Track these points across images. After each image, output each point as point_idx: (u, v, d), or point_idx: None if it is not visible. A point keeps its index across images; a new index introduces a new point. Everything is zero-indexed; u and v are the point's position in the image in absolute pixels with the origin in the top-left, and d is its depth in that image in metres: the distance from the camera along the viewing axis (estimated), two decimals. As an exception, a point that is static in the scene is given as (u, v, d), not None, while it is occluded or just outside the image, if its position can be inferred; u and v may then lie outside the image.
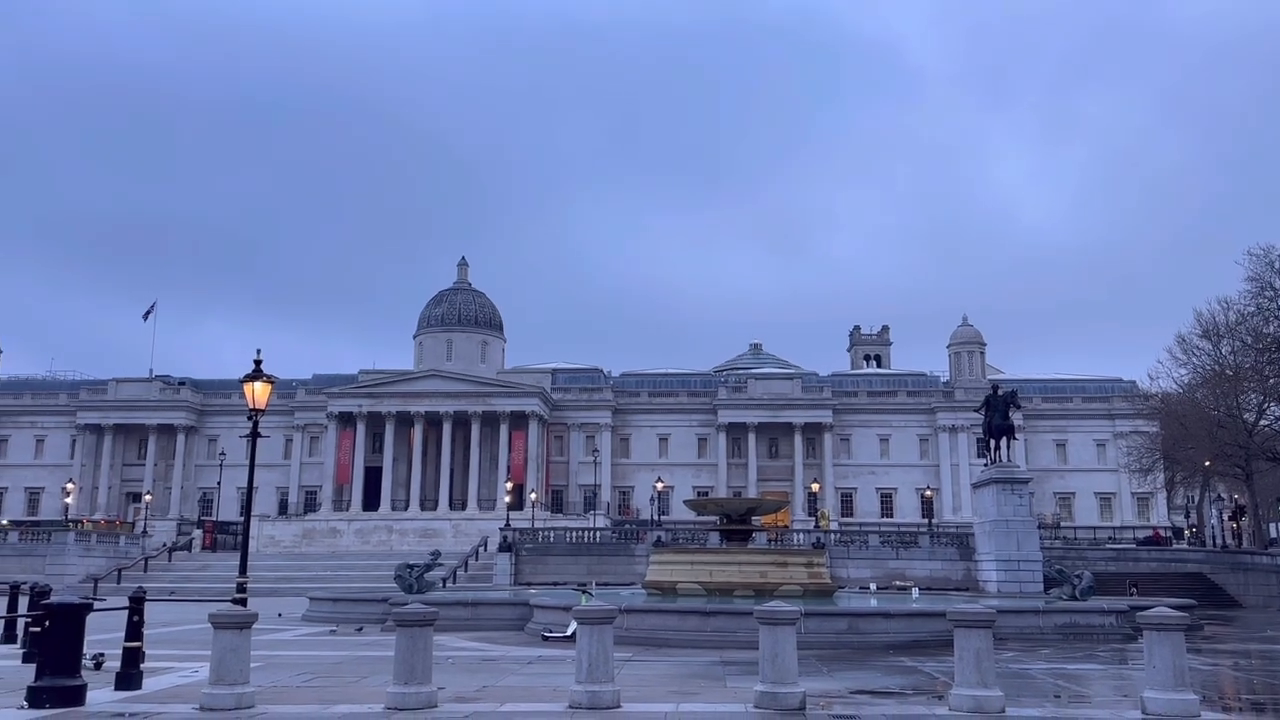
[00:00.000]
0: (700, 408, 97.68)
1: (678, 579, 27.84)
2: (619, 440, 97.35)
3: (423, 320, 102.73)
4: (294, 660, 18.40)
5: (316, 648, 21.80)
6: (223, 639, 11.77)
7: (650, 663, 18.16)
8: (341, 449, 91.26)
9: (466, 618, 26.71)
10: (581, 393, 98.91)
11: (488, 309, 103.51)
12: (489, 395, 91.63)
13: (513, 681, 15.33)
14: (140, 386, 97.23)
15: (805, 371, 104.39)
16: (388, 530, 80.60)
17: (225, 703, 11.48)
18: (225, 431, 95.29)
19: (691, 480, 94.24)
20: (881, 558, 57.70)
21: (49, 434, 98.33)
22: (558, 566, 58.95)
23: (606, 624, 12.24)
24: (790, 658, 12.11)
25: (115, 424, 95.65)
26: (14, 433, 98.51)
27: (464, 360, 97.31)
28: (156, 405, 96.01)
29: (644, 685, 14.58)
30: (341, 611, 30.90)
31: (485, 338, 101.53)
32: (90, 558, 63.57)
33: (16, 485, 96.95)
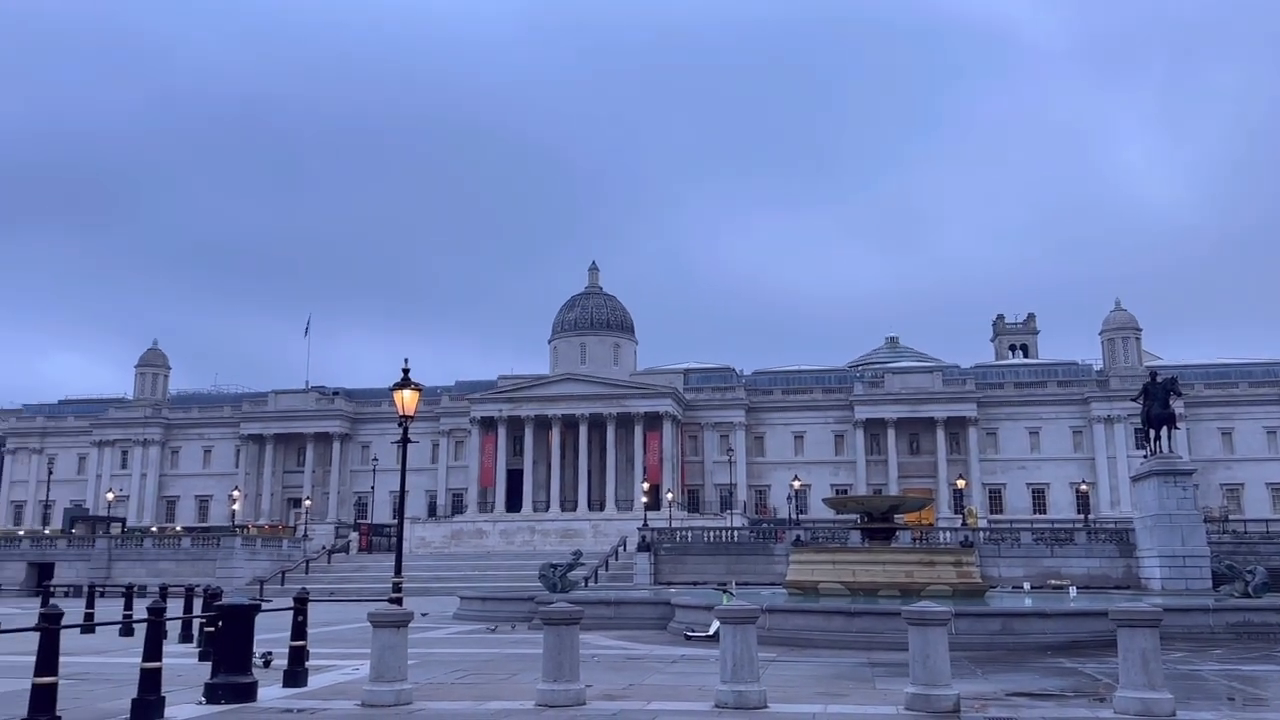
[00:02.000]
0: (836, 404, 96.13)
1: (820, 579, 27.46)
2: (753, 439, 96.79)
3: (556, 325, 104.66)
4: (447, 658, 19.01)
5: (468, 645, 22.45)
6: (381, 637, 12.27)
7: (794, 663, 17.97)
8: (484, 452, 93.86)
9: (609, 616, 27.02)
10: (714, 392, 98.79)
11: (619, 312, 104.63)
12: (623, 397, 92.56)
13: (658, 680, 15.43)
14: (297, 398, 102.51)
15: (946, 364, 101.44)
16: (530, 531, 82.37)
17: (385, 699, 11.96)
18: (377, 438, 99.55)
19: (829, 478, 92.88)
20: (1035, 556, 55.51)
21: (215, 445, 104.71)
22: (696, 566, 59.04)
23: (749, 624, 12.18)
24: (942, 659, 11.77)
25: (276, 434, 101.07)
26: (184, 444, 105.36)
27: (597, 363, 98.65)
28: (313, 415, 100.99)
29: (789, 686, 14.44)
30: (490, 610, 31.75)
31: (617, 340, 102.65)
32: (256, 561, 67.19)
33: (188, 494, 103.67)
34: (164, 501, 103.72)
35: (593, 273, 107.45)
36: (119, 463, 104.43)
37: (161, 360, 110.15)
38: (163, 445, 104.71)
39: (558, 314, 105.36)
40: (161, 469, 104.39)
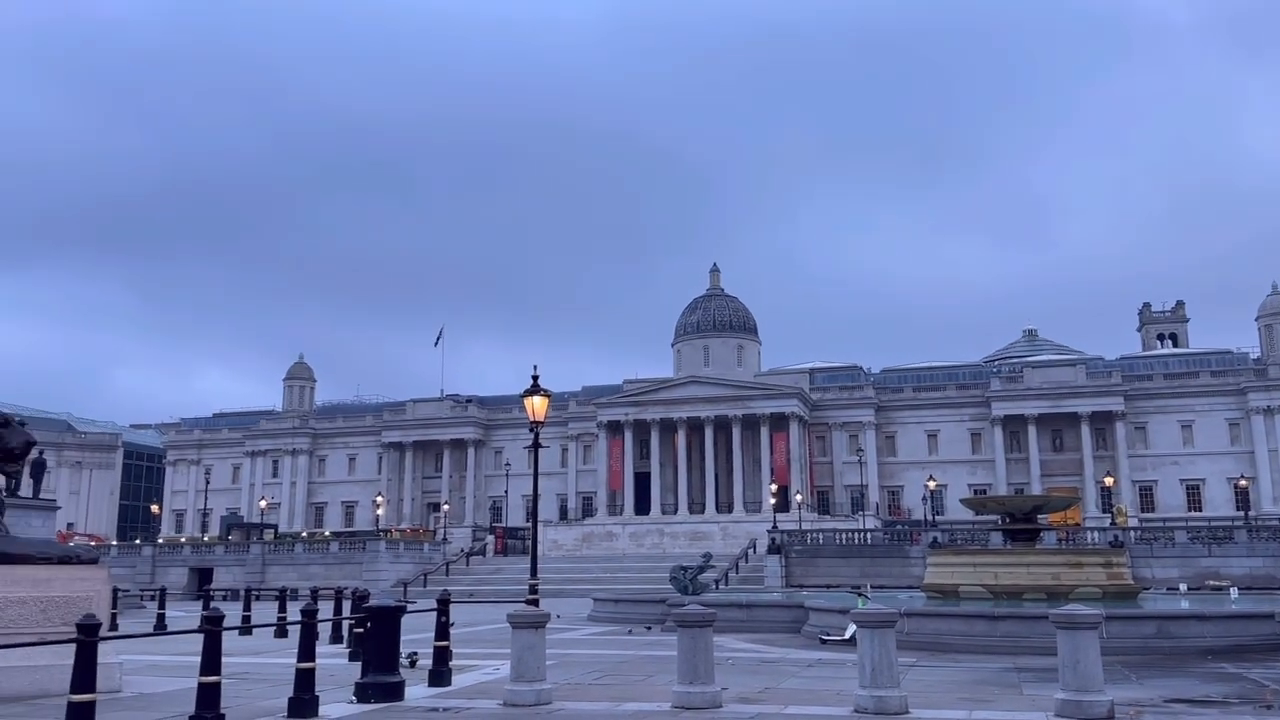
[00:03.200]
0: (971, 401, 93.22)
1: (959, 581, 26.66)
2: (884, 438, 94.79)
3: (679, 328, 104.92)
4: (583, 659, 19.28)
5: (603, 646, 22.72)
6: (520, 638, 12.54)
7: (935, 668, 17.51)
8: (612, 456, 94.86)
9: (742, 619, 26.90)
10: (841, 391, 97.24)
11: (741, 313, 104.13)
12: (747, 398, 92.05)
13: (794, 684, 15.28)
14: (433, 406, 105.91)
15: (1089, 356, 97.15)
16: (659, 533, 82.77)
17: (526, 699, 12.22)
18: (508, 443, 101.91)
19: (966, 478, 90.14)
20: (1191, 555, 52.60)
21: (359, 453, 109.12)
22: (828, 568, 58.21)
23: (888, 627, 11.93)
24: (1094, 664, 11.28)
25: (414, 441, 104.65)
26: (330, 453, 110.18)
27: (721, 365, 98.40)
28: (448, 422, 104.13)
29: (930, 691, 14.08)
30: (622, 612, 32.04)
31: (740, 341, 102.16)
32: (399, 564, 69.67)
33: (334, 499, 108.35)
34: (312, 508, 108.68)
35: (714, 274, 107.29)
36: (270, 471, 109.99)
37: (307, 373, 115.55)
38: (310, 454, 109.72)
39: (680, 317, 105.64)
40: (309, 477, 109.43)
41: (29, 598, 12.86)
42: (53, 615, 12.82)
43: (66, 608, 12.80)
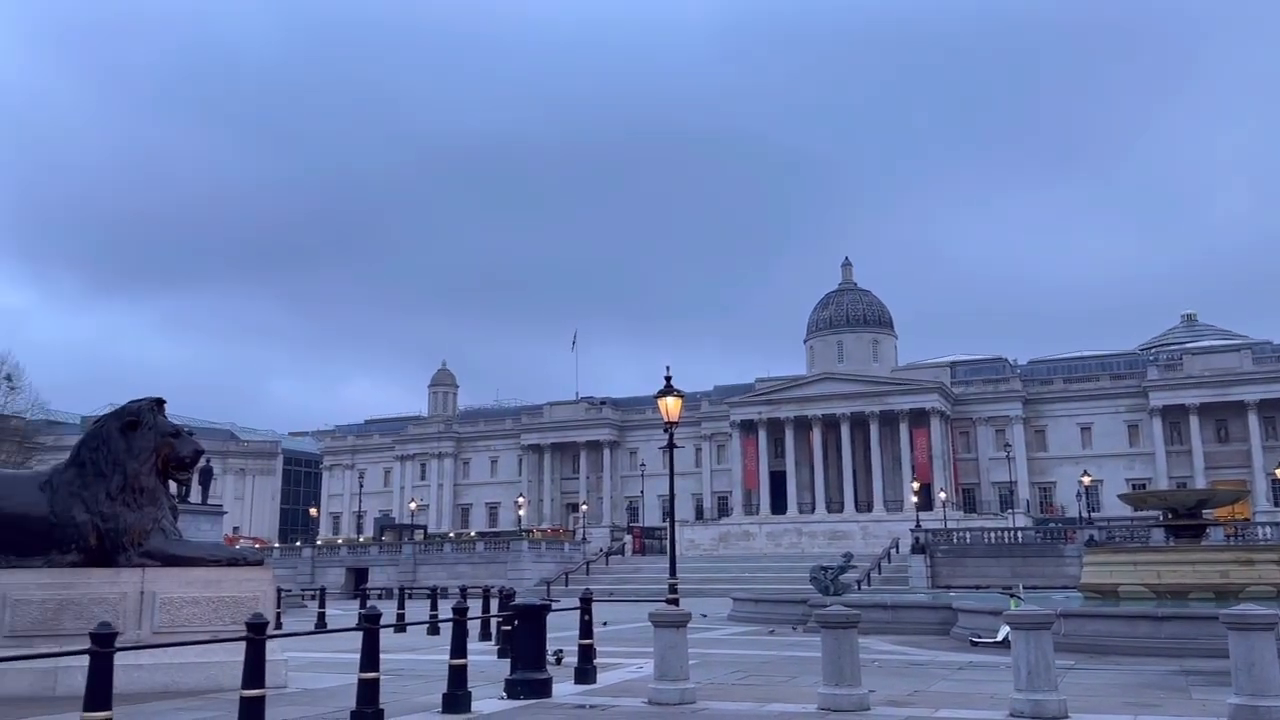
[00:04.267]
0: (1126, 391, 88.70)
1: (1118, 581, 25.38)
2: (1032, 432, 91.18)
3: (811, 324, 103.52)
4: (725, 658, 19.24)
5: (744, 647, 22.62)
6: (663, 637, 12.62)
7: (1095, 671, 16.73)
8: (746, 455, 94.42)
9: (886, 620, 26.32)
10: (985, 385, 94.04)
11: (875, 307, 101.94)
12: (885, 394, 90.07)
13: (944, 687, 14.85)
14: (569, 408, 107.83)
15: (1255, 341, 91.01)
16: (797, 533, 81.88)
17: (671, 697, 12.29)
18: (643, 444, 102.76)
19: (1123, 472, 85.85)
20: (1379, 553, 48.50)
21: (500, 455, 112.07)
22: (976, 568, 56.37)
23: (1044, 629, 11.47)
24: (1270, 666, 10.56)
25: (551, 443, 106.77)
26: (473, 455, 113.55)
27: (856, 361, 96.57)
28: (583, 424, 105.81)
29: (1091, 695, 13.46)
30: (763, 612, 31.82)
31: (875, 336, 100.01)
32: (541, 563, 71.12)
33: (479, 501, 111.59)
34: (459, 509, 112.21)
35: (845, 269, 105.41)
36: (418, 474, 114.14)
37: (450, 379, 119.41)
38: (455, 457, 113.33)
39: (811, 313, 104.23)
40: (455, 479, 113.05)
41: (201, 598, 13.70)
42: (223, 614, 13.62)
43: (235, 607, 13.58)
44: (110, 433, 14.05)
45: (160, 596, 13.45)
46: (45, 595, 13.05)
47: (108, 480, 13.76)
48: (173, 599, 13.51)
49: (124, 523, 13.71)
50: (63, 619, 12.93)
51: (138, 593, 13.39)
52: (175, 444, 14.33)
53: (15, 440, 72.56)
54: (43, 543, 13.60)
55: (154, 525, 13.96)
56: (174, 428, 14.53)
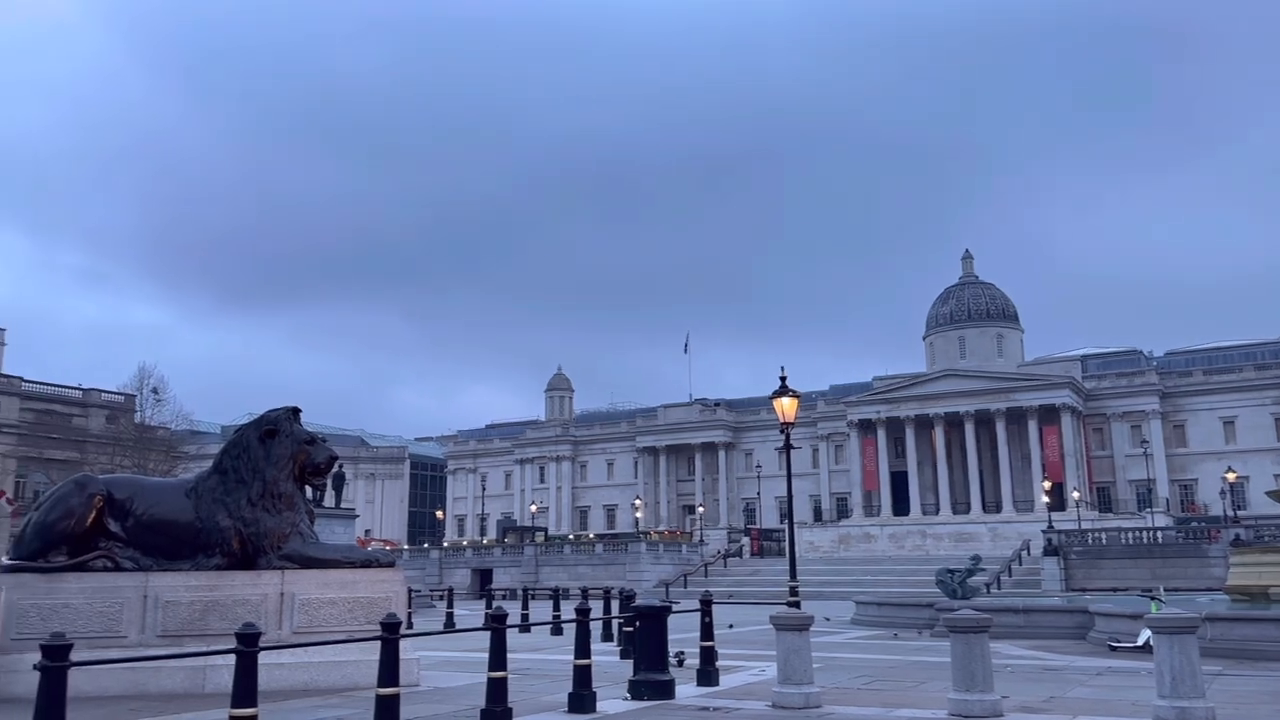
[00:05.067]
0: (1273, 382, 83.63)
1: (1269, 583, 23.93)
2: (1171, 428, 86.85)
3: (930, 320, 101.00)
4: (850, 662, 18.94)
5: (869, 651, 22.22)
6: (785, 640, 12.51)
7: (1245, 677, 15.83)
8: (865, 455, 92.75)
9: (1019, 625, 25.47)
10: (1119, 378, 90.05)
11: (999, 300, 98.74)
12: (1010, 390, 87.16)
13: (1082, 693, 14.28)
14: (683, 411, 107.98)
15: None
16: (921, 535, 79.99)
17: (795, 701, 12.17)
18: (758, 445, 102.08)
19: (1271, 468, 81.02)
20: None
21: (616, 458, 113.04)
22: (1114, 570, 54.08)
23: (1188, 633, 10.90)
24: None
25: (666, 445, 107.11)
26: (590, 458, 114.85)
27: (979, 356, 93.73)
28: (698, 426, 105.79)
29: (1242, 703, 12.74)
30: (887, 615, 31.20)
31: (999, 330, 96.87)
32: (659, 565, 71.42)
33: (596, 503, 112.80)
34: (577, 511, 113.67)
35: (966, 261, 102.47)
36: (538, 478, 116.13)
37: (566, 384, 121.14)
38: (572, 460, 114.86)
39: (931, 308, 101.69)
40: (573, 482, 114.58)
41: (338, 599, 14.24)
42: (358, 614, 14.11)
43: (369, 608, 14.07)
44: (250, 441, 14.74)
45: (299, 598, 14.02)
46: (193, 597, 13.77)
47: (249, 487, 14.44)
48: (311, 600, 14.06)
49: (264, 527, 14.36)
50: (209, 619, 13.62)
51: (278, 594, 13.99)
52: (311, 451, 14.93)
53: (162, 449, 76.86)
54: (189, 547, 14.33)
55: (292, 529, 14.57)
56: (309, 435, 15.13)
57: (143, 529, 14.22)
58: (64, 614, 13.02)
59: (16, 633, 12.94)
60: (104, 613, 13.35)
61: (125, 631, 13.39)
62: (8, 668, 12.64)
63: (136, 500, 14.41)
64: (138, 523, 14.23)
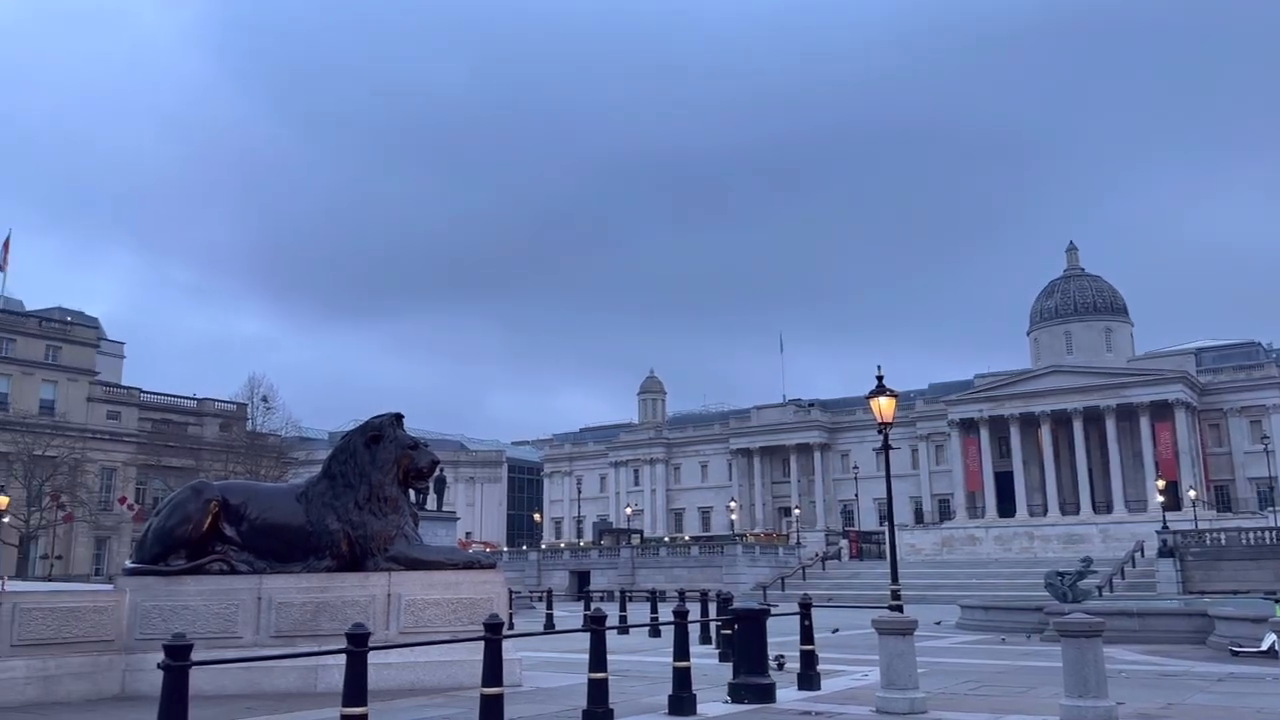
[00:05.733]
0: None
1: None
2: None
3: (1034, 314, 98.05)
4: (955, 667, 18.51)
5: (975, 655, 21.69)
6: (888, 644, 12.28)
7: (1386, 688, 14.92)
8: (968, 455, 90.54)
9: (1133, 629, 24.52)
10: (1236, 372, 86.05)
11: (1106, 293, 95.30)
12: (1120, 386, 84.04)
13: (1202, 700, 13.66)
14: (776, 412, 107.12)
15: None
16: (1028, 536, 77.68)
17: (899, 706, 11.94)
18: (855, 446, 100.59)
19: None
20: None
21: (710, 460, 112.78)
22: (1234, 572, 51.65)
23: (1322, 640, 10.34)
24: None
25: (760, 447, 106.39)
26: (683, 461, 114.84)
27: (1086, 351, 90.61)
28: (792, 427, 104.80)
29: (1384, 715, 12.00)
30: (993, 620, 30.40)
31: (1107, 324, 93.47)
32: (756, 567, 70.98)
33: (691, 505, 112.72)
34: (671, 513, 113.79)
35: (1071, 253, 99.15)
36: (632, 480, 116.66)
37: (658, 387, 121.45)
38: (666, 463, 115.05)
39: (1034, 303, 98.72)
40: (667, 484, 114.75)
41: (442, 600, 14.52)
42: (461, 615, 14.37)
43: (472, 608, 14.31)
44: (356, 447, 15.15)
45: (405, 598, 14.35)
46: (305, 598, 14.21)
47: (356, 491, 14.85)
48: (416, 601, 14.38)
49: (371, 530, 14.75)
50: (320, 620, 14.03)
51: (385, 595, 14.35)
52: (414, 455, 15.28)
53: (273, 456, 79.73)
54: (300, 550, 14.80)
55: (397, 532, 14.93)
56: (412, 440, 15.49)
57: (256, 533, 14.75)
58: (183, 615, 13.57)
59: (140, 633, 13.54)
60: (221, 614, 13.87)
61: (241, 632, 13.89)
62: (134, 666, 13.26)
63: (250, 505, 14.95)
64: (251, 527, 14.77)
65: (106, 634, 13.38)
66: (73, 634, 13.05)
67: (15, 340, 77.89)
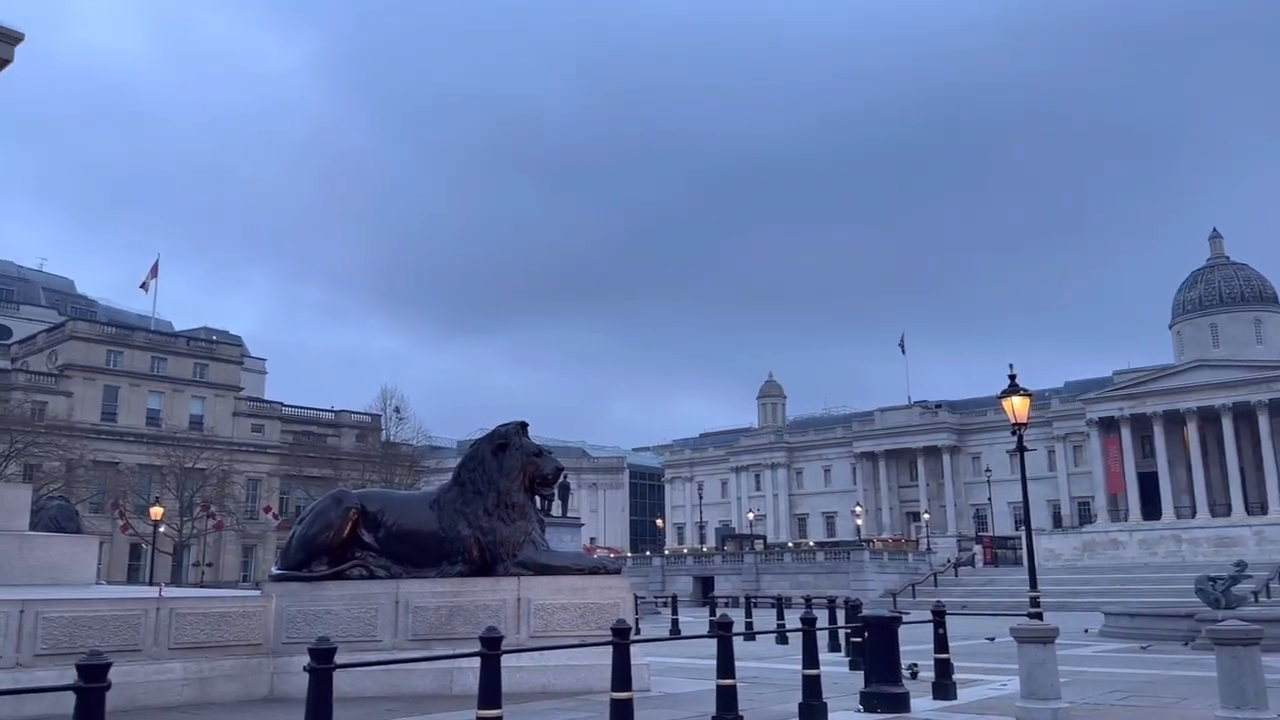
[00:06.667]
0: None
1: None
2: None
3: (1176, 307, 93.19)
4: (1100, 677, 17.72)
5: (1120, 665, 20.73)
6: (1028, 653, 11.85)
7: None
8: (1108, 456, 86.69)
9: (1295, 638, 22.95)
10: (1406, 361, 79.86)
11: (1254, 281, 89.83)
12: (1273, 380, 79.09)
13: (1379, 717, 12.68)
14: (902, 414, 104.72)
15: None
16: (1175, 540, 73.71)
17: (1041, 717, 11.49)
18: (986, 448, 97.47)
19: None
20: None
21: (833, 464, 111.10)
22: None
23: None
24: None
25: (885, 450, 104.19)
26: (805, 465, 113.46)
27: (1233, 344, 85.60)
28: (918, 429, 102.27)
29: None
30: (1139, 627, 28.97)
31: (1256, 315, 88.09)
32: (885, 574, 69.50)
33: (814, 510, 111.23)
34: (795, 519, 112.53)
35: (1214, 241, 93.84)
36: (753, 485, 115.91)
37: (778, 390, 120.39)
38: (788, 467, 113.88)
39: (1176, 295, 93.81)
40: (789, 489, 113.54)
41: (569, 604, 14.71)
42: (588, 620, 14.52)
43: (599, 613, 14.44)
44: (484, 455, 15.52)
45: (534, 603, 14.59)
46: (439, 602, 14.61)
47: (484, 498, 15.20)
48: (545, 605, 14.60)
49: (500, 535, 15.07)
50: (454, 623, 14.39)
51: (515, 600, 14.62)
52: (539, 462, 15.55)
53: (405, 464, 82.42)
54: (434, 555, 15.23)
55: (525, 537, 15.21)
56: (537, 448, 15.77)
57: (392, 539, 15.24)
58: (326, 619, 14.10)
59: (286, 637, 14.15)
60: (360, 618, 14.37)
61: (380, 635, 14.35)
62: (281, 669, 13.85)
63: (386, 512, 15.46)
64: (388, 533, 15.27)
65: (255, 638, 14.01)
66: (224, 638, 13.71)
67: (166, 359, 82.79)
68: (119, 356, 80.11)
